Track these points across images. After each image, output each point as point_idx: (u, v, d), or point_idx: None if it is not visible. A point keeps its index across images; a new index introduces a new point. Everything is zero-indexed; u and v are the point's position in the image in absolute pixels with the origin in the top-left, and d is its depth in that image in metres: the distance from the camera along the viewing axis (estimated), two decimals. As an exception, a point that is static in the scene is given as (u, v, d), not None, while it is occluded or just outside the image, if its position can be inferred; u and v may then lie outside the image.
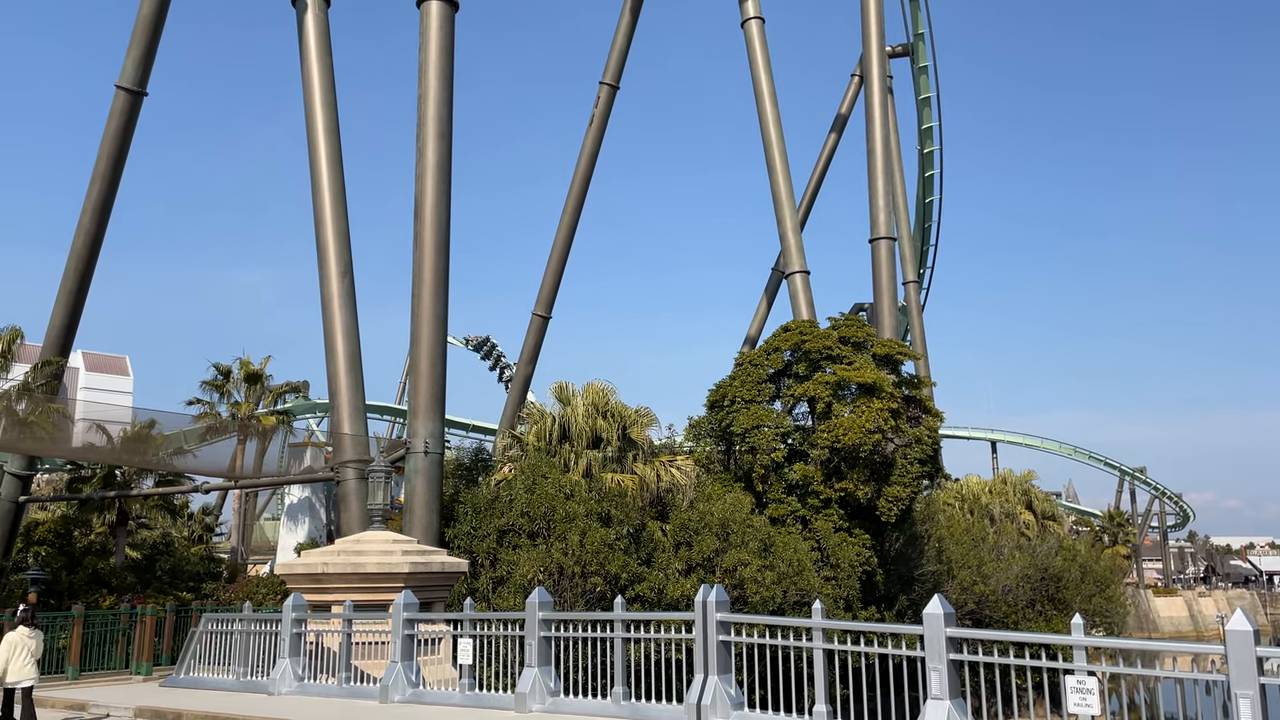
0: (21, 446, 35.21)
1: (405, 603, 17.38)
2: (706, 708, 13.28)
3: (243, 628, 19.88)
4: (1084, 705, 10.45)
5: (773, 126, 48.27)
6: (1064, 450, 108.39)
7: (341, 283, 31.11)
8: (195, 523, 58.47)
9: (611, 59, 54.89)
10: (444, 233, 30.80)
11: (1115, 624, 46.59)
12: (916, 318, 69.09)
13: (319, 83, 33.07)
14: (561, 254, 53.92)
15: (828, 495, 33.47)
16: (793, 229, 46.88)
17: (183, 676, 20.53)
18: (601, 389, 35.76)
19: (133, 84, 35.94)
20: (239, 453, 44.09)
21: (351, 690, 17.60)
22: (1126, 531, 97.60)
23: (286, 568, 21.97)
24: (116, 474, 39.04)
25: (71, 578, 33.82)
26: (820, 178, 69.99)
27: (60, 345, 35.72)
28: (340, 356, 30.54)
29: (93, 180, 35.87)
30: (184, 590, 34.57)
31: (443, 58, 31.86)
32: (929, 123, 77.83)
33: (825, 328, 37.55)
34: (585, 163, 54.50)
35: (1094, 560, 49.32)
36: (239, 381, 46.58)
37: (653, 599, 27.17)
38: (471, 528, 28.78)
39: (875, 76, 51.10)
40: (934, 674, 11.37)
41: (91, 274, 36.01)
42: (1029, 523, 61.00)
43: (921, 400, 37.30)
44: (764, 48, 49.44)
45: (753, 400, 35.20)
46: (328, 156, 32.30)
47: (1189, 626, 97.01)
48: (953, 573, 38.72)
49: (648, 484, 33.96)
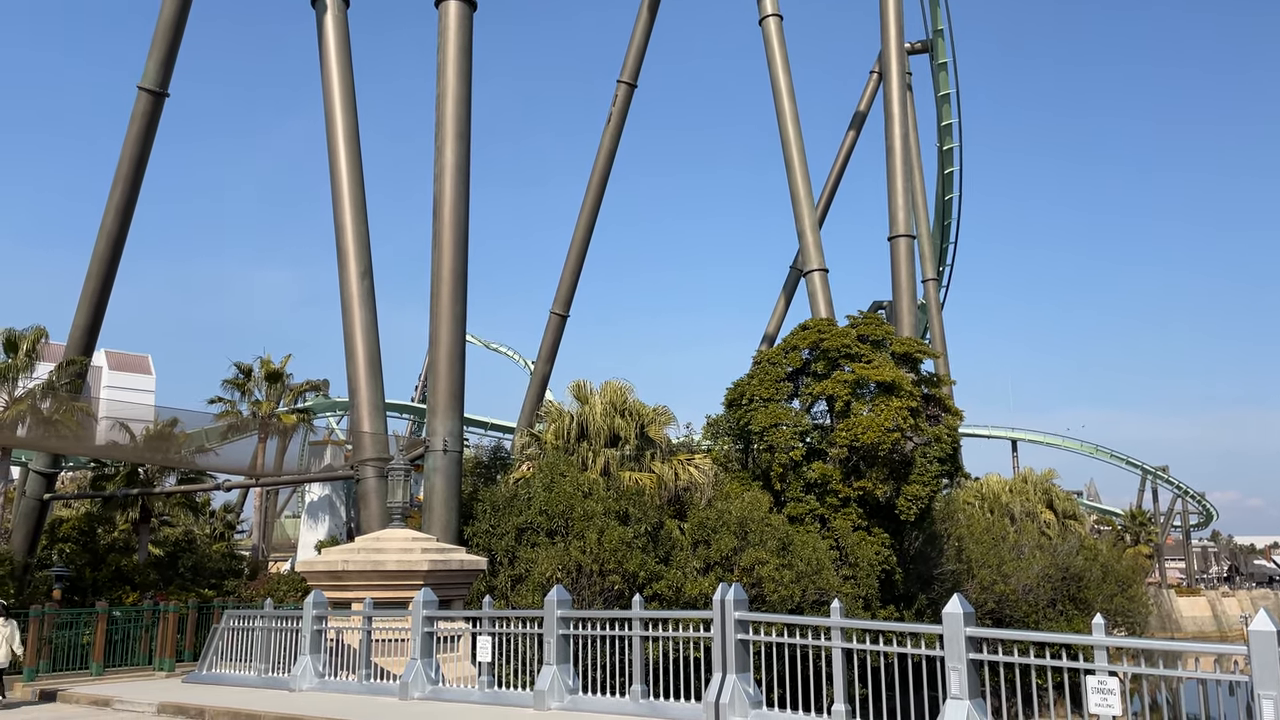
0: (46, 445, 35.60)
1: (425, 600, 17.45)
2: (725, 706, 13.27)
3: (264, 625, 20.02)
4: (1105, 706, 10.37)
5: (791, 124, 48.16)
6: (1085, 449, 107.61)
7: (361, 284, 31.27)
8: (217, 520, 59.00)
9: (629, 57, 54.93)
10: (462, 232, 30.90)
11: (1137, 624, 46.22)
12: (936, 316, 68.74)
13: (339, 85, 33.24)
14: (580, 252, 54.02)
15: (846, 494, 33.36)
16: (811, 227, 46.76)
17: (205, 673, 20.70)
18: (619, 388, 35.81)
19: (154, 85, 36.25)
20: (260, 451, 44.40)
21: (371, 687, 17.70)
22: (1149, 531, 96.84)
23: (307, 565, 22.10)
24: (139, 472, 39.40)
25: (95, 574, 34.15)
26: (839, 175, 69.80)
27: (84, 344, 36.09)
28: (360, 356, 30.70)
29: (115, 182, 36.21)
30: (206, 587, 34.87)
31: (461, 57, 31.95)
32: (949, 119, 77.40)
33: (844, 326, 37.43)
34: (603, 161, 54.57)
35: (1116, 560, 48.96)
36: (260, 380, 46.91)
37: (671, 597, 27.18)
38: (490, 526, 28.88)
39: (894, 73, 50.90)
40: (954, 674, 11.32)
41: (114, 274, 36.36)
42: (1050, 522, 60.65)
43: (941, 399, 37.13)
44: (782, 45, 49.31)
45: (771, 399, 35.15)
46: (347, 160, 32.46)
47: (1212, 627, 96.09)
48: (972, 572, 38.52)
49: (666, 482, 33.99)
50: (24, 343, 35.32)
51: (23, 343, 35.31)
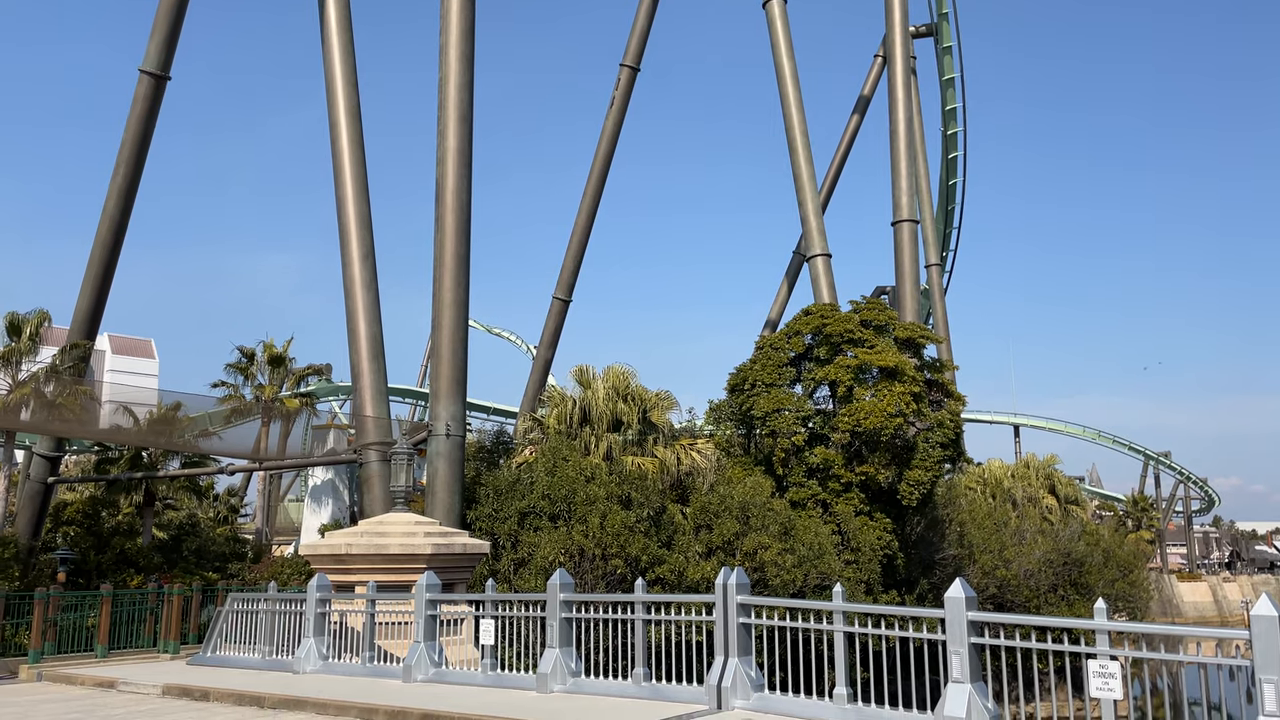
0: (50, 428, 35.69)
1: (428, 583, 17.51)
2: (727, 689, 13.33)
3: (268, 607, 20.10)
4: (1106, 689, 10.41)
5: (794, 108, 47.98)
6: (1088, 435, 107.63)
7: (363, 267, 31.25)
8: (220, 504, 59.11)
9: (632, 41, 54.69)
10: (465, 216, 30.85)
11: (1138, 609, 46.35)
12: (939, 301, 68.66)
13: (340, 68, 33.12)
14: (582, 237, 53.97)
15: (848, 479, 33.41)
16: (814, 212, 46.66)
17: (209, 655, 20.80)
18: (622, 373, 35.83)
19: (156, 68, 36.15)
20: (263, 435, 44.53)
21: (375, 669, 17.78)
22: (1150, 516, 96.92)
23: (311, 548, 22.17)
24: (143, 455, 39.51)
25: (100, 557, 34.29)
26: (842, 160, 69.58)
27: (87, 328, 36.13)
28: (362, 340, 30.71)
29: (117, 166, 36.17)
30: (210, 570, 35.00)
31: (463, 41, 31.83)
32: (953, 104, 77.09)
33: (847, 311, 37.39)
34: (606, 145, 54.44)
35: (1117, 545, 49.02)
36: (262, 364, 47.00)
37: (673, 581, 27.27)
38: (493, 510, 28.95)
39: (898, 57, 50.68)
40: (955, 657, 11.36)
41: (117, 258, 36.37)
42: (1052, 507, 60.68)
43: (943, 384, 37.13)
44: (786, 28, 49.07)
45: (773, 384, 35.15)
46: (349, 142, 32.39)
47: (1213, 612, 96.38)
48: (974, 557, 38.61)
49: (668, 467, 34.04)
50: (27, 326, 35.35)
51: (26, 326, 35.34)
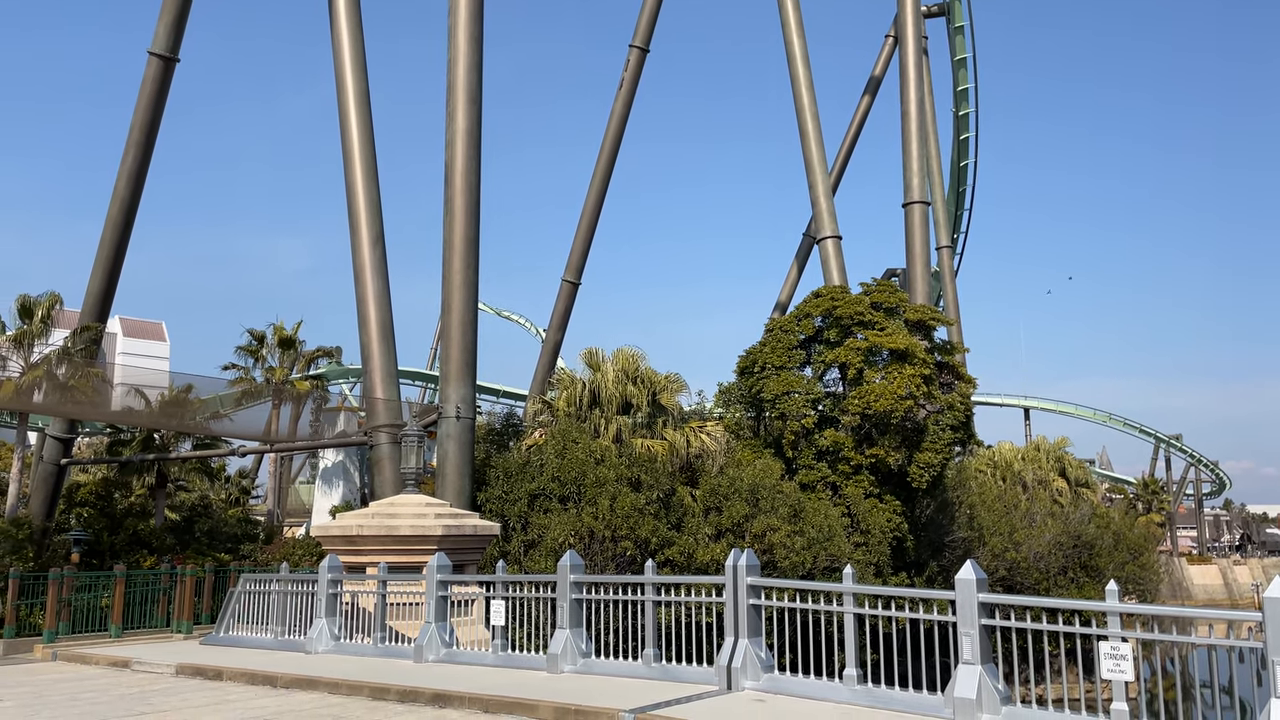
0: (62, 410, 35.87)
1: (439, 564, 17.57)
2: (737, 670, 13.37)
3: (280, 588, 20.22)
4: (1117, 671, 10.39)
5: (805, 89, 47.65)
6: (1098, 417, 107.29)
7: (373, 251, 31.24)
8: (232, 485, 59.50)
9: (642, 22, 54.33)
10: (474, 199, 30.77)
11: (1149, 591, 46.27)
12: (950, 283, 68.34)
13: (349, 52, 32.96)
14: (591, 219, 53.80)
15: (858, 461, 33.37)
16: (825, 193, 46.41)
17: (222, 635, 20.95)
18: (631, 355, 35.81)
19: (165, 50, 36.08)
20: (274, 417, 44.67)
21: (386, 650, 17.88)
22: (1161, 499, 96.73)
23: (322, 530, 22.27)
24: (155, 437, 39.71)
25: (113, 538, 34.53)
26: (853, 141, 69.12)
27: (98, 311, 36.24)
28: (372, 323, 30.74)
29: (127, 148, 36.17)
30: (222, 551, 35.22)
31: (472, 21, 31.63)
32: (964, 84, 76.45)
33: (857, 293, 37.24)
34: (615, 126, 54.18)
35: (1128, 528, 48.91)
36: (273, 347, 47.10)
37: (682, 563, 27.32)
38: (503, 492, 29.02)
39: (910, 37, 50.24)
40: (965, 639, 11.34)
41: (127, 241, 36.42)
42: (1062, 490, 60.64)
43: (954, 366, 36.99)
44: (796, 8, 48.70)
45: (783, 366, 35.07)
46: (359, 127, 32.28)
47: (1223, 594, 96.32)
48: (984, 539, 38.57)
49: (678, 450, 34.06)
50: (39, 309, 35.50)
51: (38, 309, 35.49)
